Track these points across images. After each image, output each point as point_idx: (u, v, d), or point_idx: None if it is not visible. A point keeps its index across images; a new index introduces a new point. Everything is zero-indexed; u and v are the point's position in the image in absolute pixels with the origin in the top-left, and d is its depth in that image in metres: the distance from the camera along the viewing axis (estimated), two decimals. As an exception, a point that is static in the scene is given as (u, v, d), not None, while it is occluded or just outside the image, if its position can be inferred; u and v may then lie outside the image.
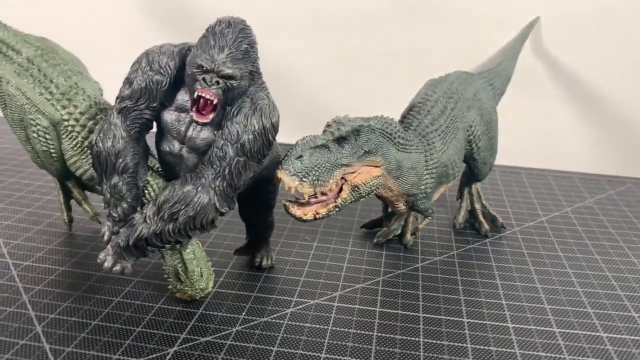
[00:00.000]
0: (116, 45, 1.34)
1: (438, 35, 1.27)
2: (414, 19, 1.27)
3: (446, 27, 1.27)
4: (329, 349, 0.68)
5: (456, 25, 1.26)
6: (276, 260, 0.87)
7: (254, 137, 0.65)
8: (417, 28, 1.27)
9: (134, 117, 0.68)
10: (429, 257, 0.91)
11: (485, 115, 0.90)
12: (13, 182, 1.11)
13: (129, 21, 1.37)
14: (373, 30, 1.29)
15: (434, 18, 1.26)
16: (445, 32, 1.27)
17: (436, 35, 1.27)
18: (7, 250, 0.86)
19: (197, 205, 0.65)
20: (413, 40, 1.28)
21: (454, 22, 1.26)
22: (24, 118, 0.79)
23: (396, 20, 1.27)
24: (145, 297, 0.76)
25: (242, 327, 0.71)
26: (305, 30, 1.31)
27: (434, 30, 1.27)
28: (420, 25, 1.27)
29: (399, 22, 1.27)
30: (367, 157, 0.71)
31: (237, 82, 0.64)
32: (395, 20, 1.28)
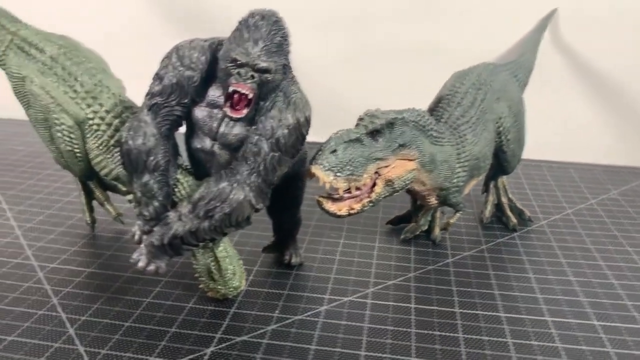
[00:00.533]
0: (128, 44, 1.32)
1: (453, 29, 1.25)
2: (429, 13, 1.25)
3: (462, 21, 1.25)
4: (367, 346, 0.66)
5: (472, 18, 1.25)
6: (304, 257, 0.86)
7: (288, 132, 0.64)
8: (432, 23, 1.26)
9: (165, 114, 0.67)
10: (459, 252, 0.89)
11: (513, 107, 0.89)
12: (31, 184, 1.09)
13: (142, 20, 1.35)
14: (388, 27, 1.28)
15: (449, 12, 1.25)
16: (461, 26, 1.25)
17: (452, 30, 1.26)
18: (31, 252, 0.85)
19: (233, 202, 0.64)
20: (428, 36, 1.26)
21: (470, 16, 1.25)
22: (48, 117, 0.78)
23: (411, 15, 1.26)
24: (176, 297, 0.75)
25: (277, 325, 0.70)
26: (318, 28, 1.29)
27: (449, 24, 1.25)
28: (435, 20, 1.26)
29: (413, 17, 1.26)
30: (401, 151, 0.70)
31: (272, 76, 0.63)
32: (410, 15, 1.26)
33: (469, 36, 1.25)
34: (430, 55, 1.26)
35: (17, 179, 1.12)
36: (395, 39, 1.28)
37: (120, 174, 0.79)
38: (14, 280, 0.77)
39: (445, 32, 1.26)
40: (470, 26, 1.25)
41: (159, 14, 1.35)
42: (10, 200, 1.02)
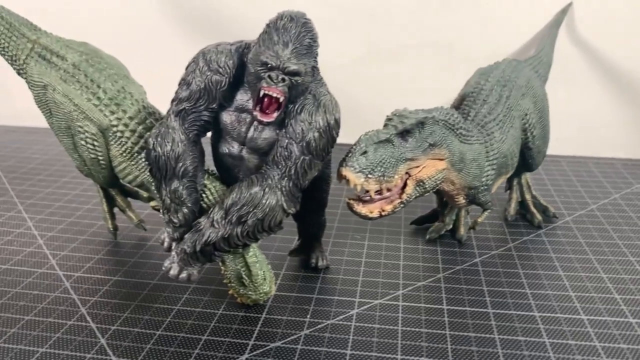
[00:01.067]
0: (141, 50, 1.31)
1: (469, 25, 1.24)
2: (444, 10, 1.24)
3: (477, 17, 1.24)
4: (403, 349, 0.65)
5: (487, 14, 1.24)
6: (330, 260, 0.85)
7: (319, 135, 0.63)
8: (447, 20, 1.25)
9: (193, 120, 0.66)
10: (486, 251, 0.88)
11: (538, 103, 0.88)
12: (50, 193, 1.09)
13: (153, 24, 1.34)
14: (402, 25, 1.27)
15: (464, 8, 1.24)
16: (476, 22, 1.24)
17: (467, 26, 1.24)
18: (55, 261, 0.84)
19: (266, 206, 0.63)
20: (444, 33, 1.25)
21: (485, 12, 1.23)
22: (71, 125, 0.77)
23: (425, 12, 1.25)
24: (205, 304, 0.74)
25: (310, 330, 0.69)
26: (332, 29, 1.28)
27: (464, 21, 1.24)
28: (450, 17, 1.24)
29: (428, 15, 1.25)
30: (432, 150, 0.69)
31: (302, 79, 0.62)
32: (425, 13, 1.25)
33: (485, 32, 1.24)
34: (446, 52, 1.26)
35: (34, 187, 1.11)
36: (410, 36, 1.27)
37: (144, 180, 0.78)
38: (40, 290, 0.77)
39: (461, 28, 1.25)
40: (486, 22, 1.24)
41: (169, 19, 1.34)
42: (30, 209, 1.01)
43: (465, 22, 1.24)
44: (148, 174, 0.76)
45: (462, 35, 1.25)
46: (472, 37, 1.24)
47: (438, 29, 1.26)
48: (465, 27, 1.24)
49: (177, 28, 1.33)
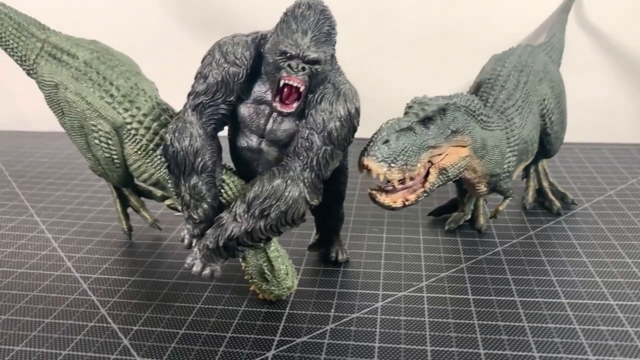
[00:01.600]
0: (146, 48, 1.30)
1: (477, 14, 1.23)
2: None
3: (485, 5, 1.23)
4: (432, 340, 0.64)
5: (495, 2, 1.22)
6: (349, 254, 0.84)
7: (340, 124, 0.62)
8: (455, 9, 1.23)
9: (210, 113, 0.65)
10: (507, 240, 0.87)
11: (555, 88, 0.87)
12: (60, 196, 1.07)
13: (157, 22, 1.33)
14: (410, 15, 1.25)
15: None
16: (484, 9, 1.23)
17: (475, 15, 1.23)
18: (71, 264, 0.83)
19: (289, 199, 0.62)
20: (452, 22, 1.24)
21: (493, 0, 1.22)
22: (85, 125, 0.76)
23: (433, 1, 1.24)
24: (226, 301, 0.73)
25: (336, 324, 0.68)
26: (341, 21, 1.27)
27: (472, 10, 1.23)
28: (458, 5, 1.23)
29: (436, 3, 1.24)
30: (454, 137, 0.68)
31: (322, 67, 0.60)
32: (432, 1, 1.24)
33: (494, 21, 1.23)
34: (455, 42, 1.24)
35: (44, 190, 1.10)
36: (418, 28, 1.25)
37: (160, 178, 0.77)
38: (58, 293, 0.75)
39: (470, 17, 1.23)
40: (494, 10, 1.22)
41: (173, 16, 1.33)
42: (42, 213, 1.00)
43: (473, 11, 1.23)
44: (164, 171, 0.75)
45: (471, 24, 1.23)
46: (481, 26, 1.23)
47: (446, 19, 1.24)
48: (474, 16, 1.23)
49: (182, 25, 1.32)
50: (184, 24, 1.32)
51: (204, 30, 1.31)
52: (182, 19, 1.32)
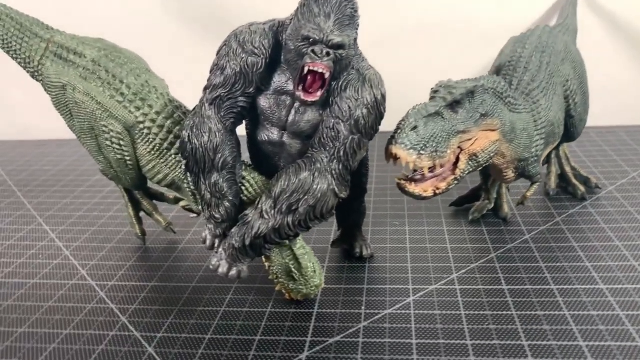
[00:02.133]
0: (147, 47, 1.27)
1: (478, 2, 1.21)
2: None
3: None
4: (471, 334, 0.61)
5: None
6: (373, 248, 0.81)
7: (367, 112, 0.59)
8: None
9: (229, 107, 0.62)
10: (534, 227, 0.84)
11: (577, 68, 0.84)
12: (68, 203, 1.04)
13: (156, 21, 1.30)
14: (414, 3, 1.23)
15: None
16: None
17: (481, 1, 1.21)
18: (86, 272, 0.80)
19: (317, 192, 0.59)
20: (458, 9, 1.21)
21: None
22: (95, 126, 0.72)
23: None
24: (252, 303, 0.70)
25: (368, 322, 0.65)
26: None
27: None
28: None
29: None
30: (483, 121, 0.65)
31: (346, 52, 0.58)
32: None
33: (501, 6, 1.20)
34: (462, 29, 1.21)
35: (51, 199, 1.07)
36: (425, 15, 1.23)
37: (175, 178, 0.74)
38: (75, 302, 0.72)
39: (476, 3, 1.20)
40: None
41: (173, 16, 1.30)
42: (51, 222, 0.97)
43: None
44: (179, 171, 0.73)
45: (478, 10, 1.21)
46: (489, 12, 1.20)
47: (452, 6, 1.22)
48: (480, 2, 1.20)
49: (183, 23, 1.29)
50: (184, 22, 1.29)
51: (204, 29, 1.28)
52: (182, 17, 1.29)
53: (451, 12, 1.21)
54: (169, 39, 1.29)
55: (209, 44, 1.35)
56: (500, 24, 1.17)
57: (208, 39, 1.30)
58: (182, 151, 0.64)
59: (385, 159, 0.63)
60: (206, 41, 1.29)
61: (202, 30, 1.29)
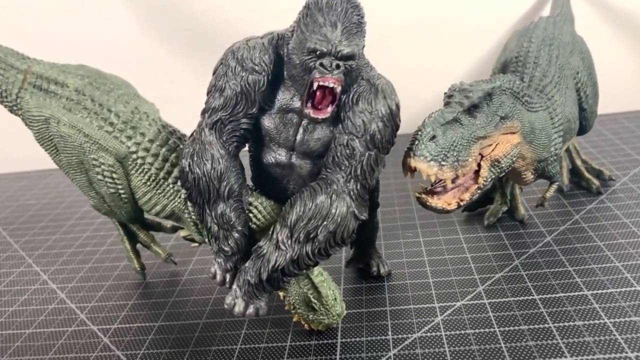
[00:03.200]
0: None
1: None
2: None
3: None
4: (511, 353, 0.57)
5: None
6: (390, 265, 0.76)
7: (383, 125, 0.55)
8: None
9: (231, 130, 0.57)
10: (554, 227, 0.80)
11: (586, 59, 0.81)
12: (58, 240, 0.98)
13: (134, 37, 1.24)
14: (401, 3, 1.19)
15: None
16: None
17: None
18: (85, 315, 0.74)
19: (337, 216, 0.54)
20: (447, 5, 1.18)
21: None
22: (84, 160, 0.67)
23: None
24: (269, 338, 0.65)
25: (398, 349, 0.60)
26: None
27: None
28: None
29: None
30: (503, 124, 0.61)
31: (356, 62, 0.53)
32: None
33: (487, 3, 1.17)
34: (453, 25, 1.18)
35: (39, 236, 1.01)
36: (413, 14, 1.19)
37: (175, 209, 0.69)
38: (77, 352, 0.67)
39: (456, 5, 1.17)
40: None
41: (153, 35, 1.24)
42: (40, 261, 0.91)
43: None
44: (179, 201, 0.68)
45: (469, 5, 1.17)
46: (479, 6, 1.17)
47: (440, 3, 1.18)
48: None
49: (164, 44, 1.24)
50: (166, 42, 1.24)
51: (186, 48, 1.23)
52: (161, 36, 1.24)
53: (441, 8, 1.17)
54: (147, 59, 1.23)
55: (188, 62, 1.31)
56: (491, 15, 1.14)
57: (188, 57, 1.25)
58: (182, 181, 0.59)
59: (402, 172, 0.59)
60: (186, 59, 1.24)
61: (182, 48, 1.24)
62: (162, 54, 1.23)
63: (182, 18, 1.21)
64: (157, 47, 1.23)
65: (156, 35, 1.23)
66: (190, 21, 1.21)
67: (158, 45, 1.23)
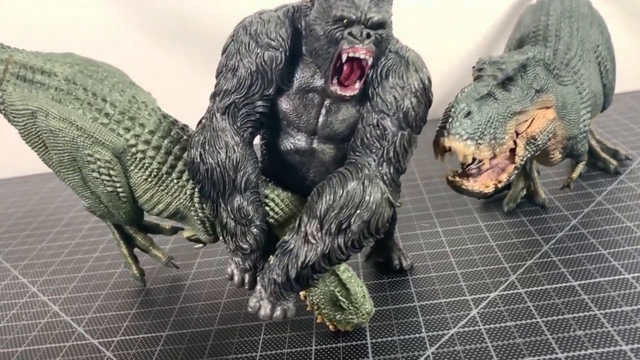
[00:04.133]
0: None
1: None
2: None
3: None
4: (561, 346, 0.53)
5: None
6: (411, 257, 0.71)
7: (417, 100, 0.50)
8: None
9: (245, 115, 0.52)
10: (577, 210, 0.77)
11: (604, 32, 0.77)
12: (44, 248, 0.91)
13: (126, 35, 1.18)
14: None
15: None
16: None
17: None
18: (83, 328, 0.68)
19: (371, 203, 0.49)
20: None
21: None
22: (77, 156, 0.61)
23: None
24: (291, 342, 0.59)
25: (436, 347, 0.55)
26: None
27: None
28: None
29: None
30: (539, 98, 0.57)
31: (386, 31, 0.48)
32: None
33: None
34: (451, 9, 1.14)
35: (24, 245, 0.93)
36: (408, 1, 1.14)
37: (180, 206, 0.63)
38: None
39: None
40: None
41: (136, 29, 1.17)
42: (27, 272, 0.84)
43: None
44: (184, 197, 0.62)
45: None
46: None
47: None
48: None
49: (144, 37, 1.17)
50: (146, 34, 1.17)
51: (168, 40, 1.17)
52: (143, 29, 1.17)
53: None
54: (131, 52, 1.16)
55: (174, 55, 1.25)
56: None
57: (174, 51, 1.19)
58: (192, 174, 0.53)
59: (434, 155, 0.54)
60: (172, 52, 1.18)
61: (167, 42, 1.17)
62: (144, 46, 1.17)
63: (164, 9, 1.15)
64: (138, 37, 1.17)
65: (136, 25, 1.16)
66: (173, 12, 1.15)
67: (138, 36, 1.17)
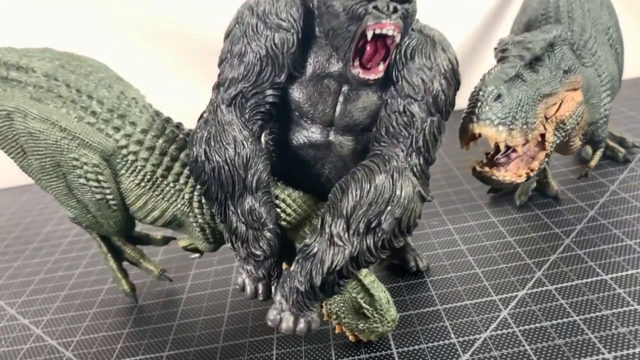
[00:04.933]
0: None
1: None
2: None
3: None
4: (605, 344, 0.49)
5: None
6: (425, 257, 0.67)
7: (446, 83, 0.45)
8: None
9: (254, 105, 0.46)
10: (593, 201, 0.73)
11: (613, 14, 0.74)
12: (21, 266, 0.84)
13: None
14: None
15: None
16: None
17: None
18: (72, 353, 0.61)
19: (402, 199, 0.44)
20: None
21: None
22: (61, 161, 0.54)
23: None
24: (308, 356, 0.54)
25: (469, 354, 0.51)
26: None
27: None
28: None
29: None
30: (567, 79, 0.53)
31: (412, 7, 0.43)
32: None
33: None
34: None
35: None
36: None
37: (178, 212, 0.57)
38: (69, 399, 0.54)
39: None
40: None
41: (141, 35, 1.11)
42: (4, 293, 0.76)
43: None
44: (182, 202, 0.56)
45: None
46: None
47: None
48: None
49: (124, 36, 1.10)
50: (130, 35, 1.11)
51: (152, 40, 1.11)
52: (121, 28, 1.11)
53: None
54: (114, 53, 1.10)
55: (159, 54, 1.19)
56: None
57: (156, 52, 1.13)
58: (196, 174, 0.47)
59: (460, 144, 0.50)
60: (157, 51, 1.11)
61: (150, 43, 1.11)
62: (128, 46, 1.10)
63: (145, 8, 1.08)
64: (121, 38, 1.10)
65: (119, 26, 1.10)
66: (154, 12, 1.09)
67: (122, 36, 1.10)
